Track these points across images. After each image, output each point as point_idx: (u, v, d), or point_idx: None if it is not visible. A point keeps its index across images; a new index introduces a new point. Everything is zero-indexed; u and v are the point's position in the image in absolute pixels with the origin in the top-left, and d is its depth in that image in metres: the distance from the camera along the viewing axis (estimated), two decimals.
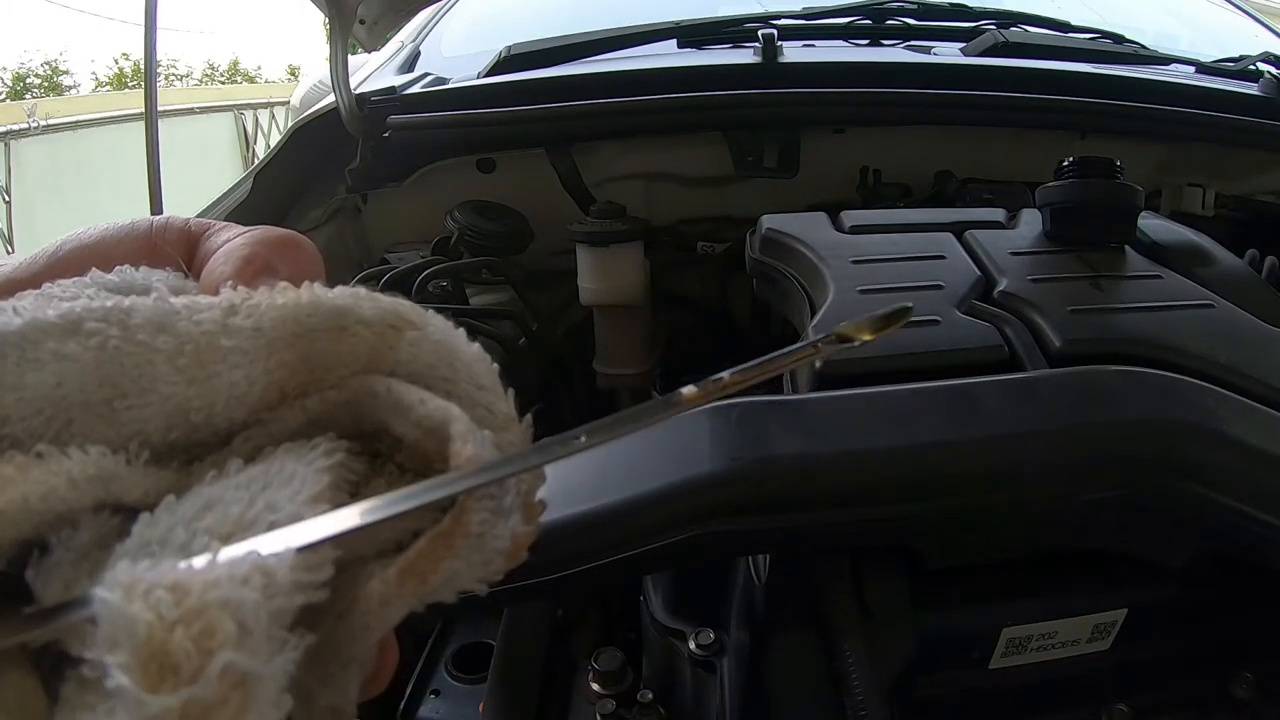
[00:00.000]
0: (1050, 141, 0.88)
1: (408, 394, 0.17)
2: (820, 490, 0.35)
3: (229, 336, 0.16)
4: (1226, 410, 0.36)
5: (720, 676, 0.42)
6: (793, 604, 0.40)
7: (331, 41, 0.87)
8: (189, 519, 0.14)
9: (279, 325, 0.16)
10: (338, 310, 0.17)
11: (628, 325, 0.84)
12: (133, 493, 0.15)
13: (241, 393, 0.16)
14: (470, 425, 0.16)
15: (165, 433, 0.16)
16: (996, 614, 0.39)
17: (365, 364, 0.17)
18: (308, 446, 0.16)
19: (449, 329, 0.18)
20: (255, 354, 0.16)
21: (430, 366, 0.17)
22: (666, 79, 0.83)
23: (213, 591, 0.12)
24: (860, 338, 0.19)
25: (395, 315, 0.17)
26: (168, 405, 0.16)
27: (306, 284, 0.17)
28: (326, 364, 0.17)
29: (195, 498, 0.15)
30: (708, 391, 0.17)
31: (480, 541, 0.15)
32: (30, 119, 5.31)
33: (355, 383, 0.17)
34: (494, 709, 0.51)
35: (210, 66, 17.70)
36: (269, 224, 0.21)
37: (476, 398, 0.17)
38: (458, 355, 0.17)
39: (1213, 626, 0.42)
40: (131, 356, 0.15)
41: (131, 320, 0.15)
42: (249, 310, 0.16)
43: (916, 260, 0.50)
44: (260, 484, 0.15)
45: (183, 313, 0.16)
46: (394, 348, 0.17)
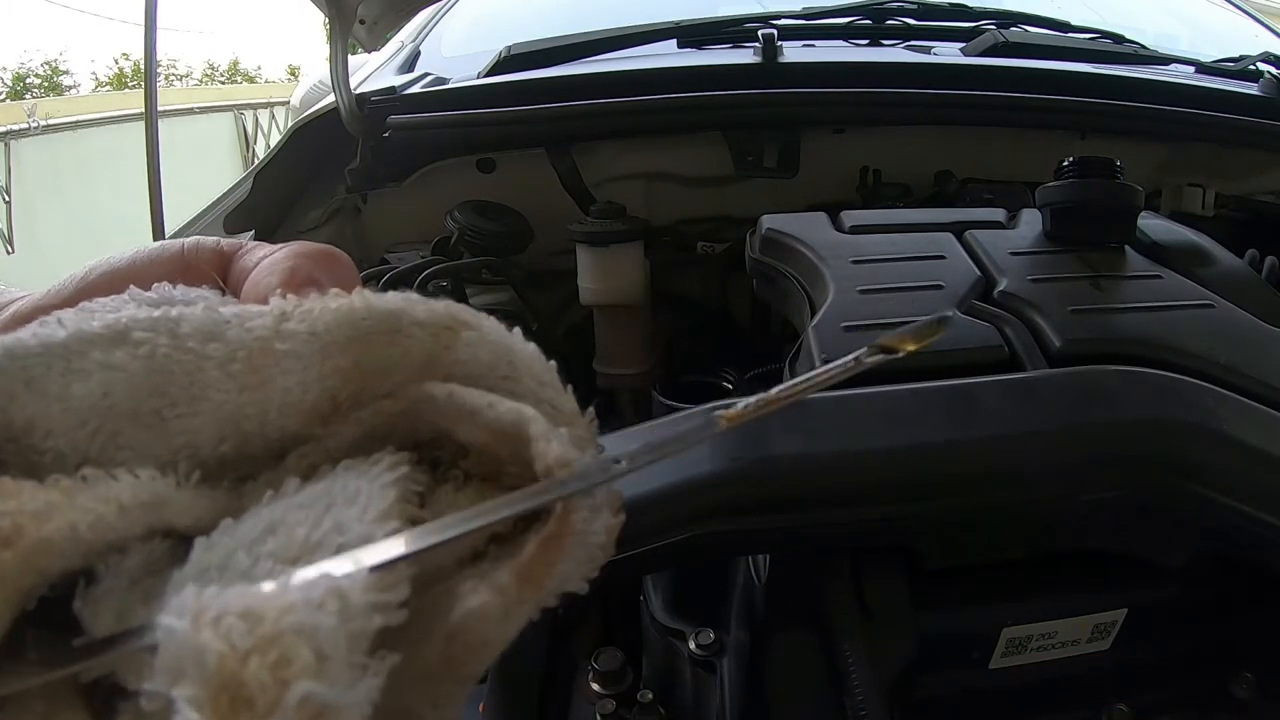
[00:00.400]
0: (1050, 141, 0.88)
1: (472, 398, 0.16)
2: (820, 490, 0.35)
3: (283, 341, 0.15)
4: (1226, 410, 0.36)
5: (720, 676, 0.42)
6: (793, 604, 0.40)
7: (331, 41, 0.87)
8: (250, 542, 0.14)
9: (333, 329, 0.16)
10: (391, 313, 0.16)
11: (628, 325, 0.83)
12: (184, 518, 0.15)
13: (295, 399, 0.16)
14: (546, 424, 0.16)
15: (217, 443, 0.16)
16: (996, 614, 0.39)
17: (421, 367, 0.17)
18: (369, 462, 0.16)
19: (503, 328, 0.17)
20: (309, 359, 0.16)
21: (490, 366, 0.17)
22: (666, 79, 0.83)
23: (288, 617, 0.11)
24: (903, 348, 0.20)
25: (450, 317, 0.17)
26: (220, 413, 0.15)
27: (358, 290, 0.17)
28: (381, 368, 0.17)
29: (255, 520, 0.14)
30: (746, 412, 0.17)
31: (583, 539, 0.15)
32: (30, 119, 5.30)
33: (413, 390, 0.17)
34: (494, 709, 0.51)
35: (210, 66, 17.71)
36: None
37: (541, 395, 0.17)
38: (516, 354, 0.17)
39: (1213, 626, 0.42)
40: (182, 364, 0.15)
41: (181, 329, 0.15)
42: (302, 315, 0.16)
43: (916, 260, 0.50)
44: (324, 503, 0.14)
45: (233, 321, 0.15)
46: (450, 348, 0.17)
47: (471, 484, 0.17)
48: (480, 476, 0.17)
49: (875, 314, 0.44)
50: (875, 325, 0.43)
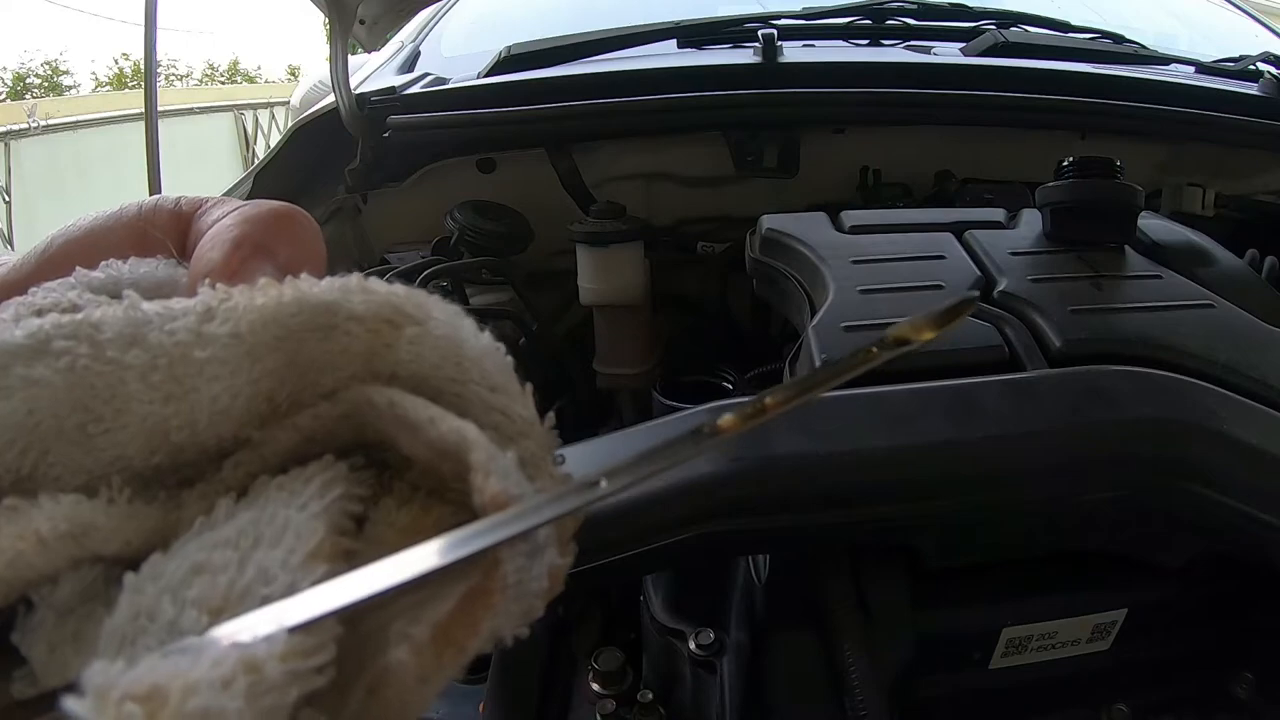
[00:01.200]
0: (1050, 141, 0.88)
1: (414, 410, 0.15)
2: (821, 490, 0.35)
3: (204, 347, 0.14)
4: (1227, 410, 0.36)
5: (720, 676, 0.42)
6: (793, 604, 0.40)
7: (331, 41, 0.87)
8: (176, 586, 0.13)
9: (259, 329, 0.15)
10: (325, 306, 0.15)
11: (628, 325, 0.83)
12: (112, 544, 0.14)
13: (225, 407, 0.15)
14: (490, 450, 0.14)
15: (148, 456, 0.15)
16: (996, 614, 0.39)
17: (361, 366, 0.15)
18: (302, 480, 0.15)
19: (454, 320, 0.16)
20: (236, 363, 0.14)
21: (435, 367, 0.15)
22: (666, 79, 0.83)
23: (191, 700, 0.11)
24: (920, 338, 0.18)
25: (392, 309, 0.15)
26: (146, 426, 0.14)
27: (290, 279, 0.15)
28: (318, 367, 0.15)
29: (182, 558, 0.13)
30: (747, 415, 0.15)
31: (519, 590, 0.14)
32: (30, 119, 5.31)
33: (353, 394, 0.15)
34: (494, 709, 0.51)
35: (210, 66, 17.72)
36: None
37: (490, 401, 0.15)
38: (465, 352, 0.15)
39: (1213, 626, 0.42)
40: (102, 376, 0.14)
41: (101, 335, 0.14)
42: (226, 314, 0.14)
43: (916, 260, 0.50)
44: (250, 539, 0.13)
45: (155, 321, 0.14)
46: (392, 346, 0.15)
47: (416, 499, 0.15)
48: (428, 490, 0.16)
49: (875, 314, 0.44)
50: (875, 325, 0.43)
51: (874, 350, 0.17)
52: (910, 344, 0.17)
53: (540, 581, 0.14)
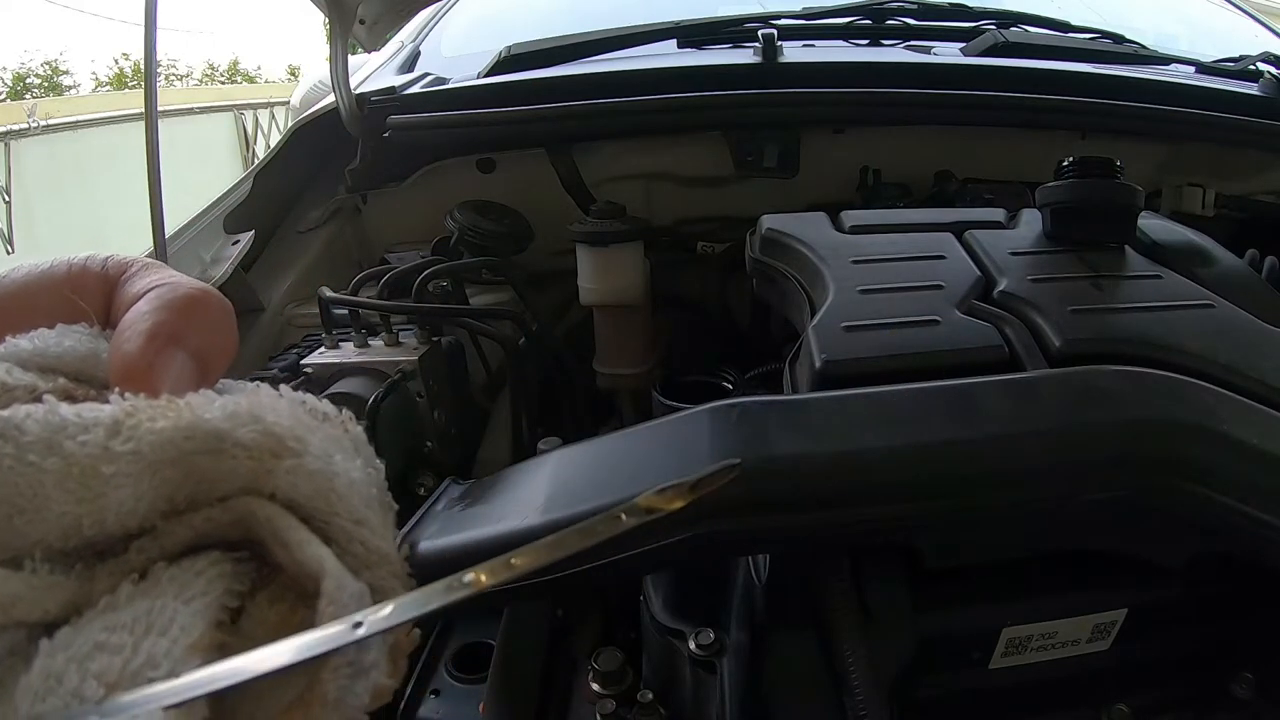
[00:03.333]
0: (1050, 141, 0.88)
1: (286, 530, 0.18)
2: (820, 490, 0.35)
3: (110, 462, 0.17)
4: (1226, 410, 0.36)
5: (720, 676, 0.42)
6: (793, 604, 0.40)
7: (331, 41, 0.87)
8: (81, 659, 0.15)
9: (158, 448, 0.17)
10: (215, 433, 0.18)
11: (628, 325, 0.83)
12: (34, 612, 0.16)
13: (130, 508, 0.17)
14: (341, 580, 0.17)
15: (64, 541, 0.17)
16: (996, 614, 0.39)
17: (246, 483, 0.18)
18: (192, 572, 0.17)
19: (328, 455, 0.18)
20: (138, 475, 0.17)
21: (307, 498, 0.18)
22: (666, 79, 0.82)
23: None
24: (669, 507, 0.21)
25: (274, 441, 0.18)
26: (62, 521, 0.17)
27: (188, 403, 0.18)
28: (210, 478, 0.18)
29: (87, 635, 0.16)
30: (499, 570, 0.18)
31: (339, 704, 0.16)
32: (30, 119, 5.31)
33: (240, 505, 0.18)
34: (494, 709, 0.51)
35: (210, 66, 17.72)
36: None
37: (352, 533, 0.18)
38: (335, 486, 0.18)
39: (1213, 626, 0.42)
40: (25, 477, 0.16)
41: (24, 438, 0.16)
42: (129, 432, 0.17)
43: (916, 260, 0.50)
44: (143, 626, 0.16)
45: (70, 429, 0.17)
46: (271, 473, 0.18)
47: (287, 600, 0.18)
48: (296, 593, 0.18)
49: (875, 314, 0.44)
50: (875, 325, 0.43)
51: (621, 517, 0.20)
52: (658, 512, 0.20)
53: (363, 698, 0.17)
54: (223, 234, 0.86)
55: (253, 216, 0.88)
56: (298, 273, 0.89)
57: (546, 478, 0.40)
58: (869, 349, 0.42)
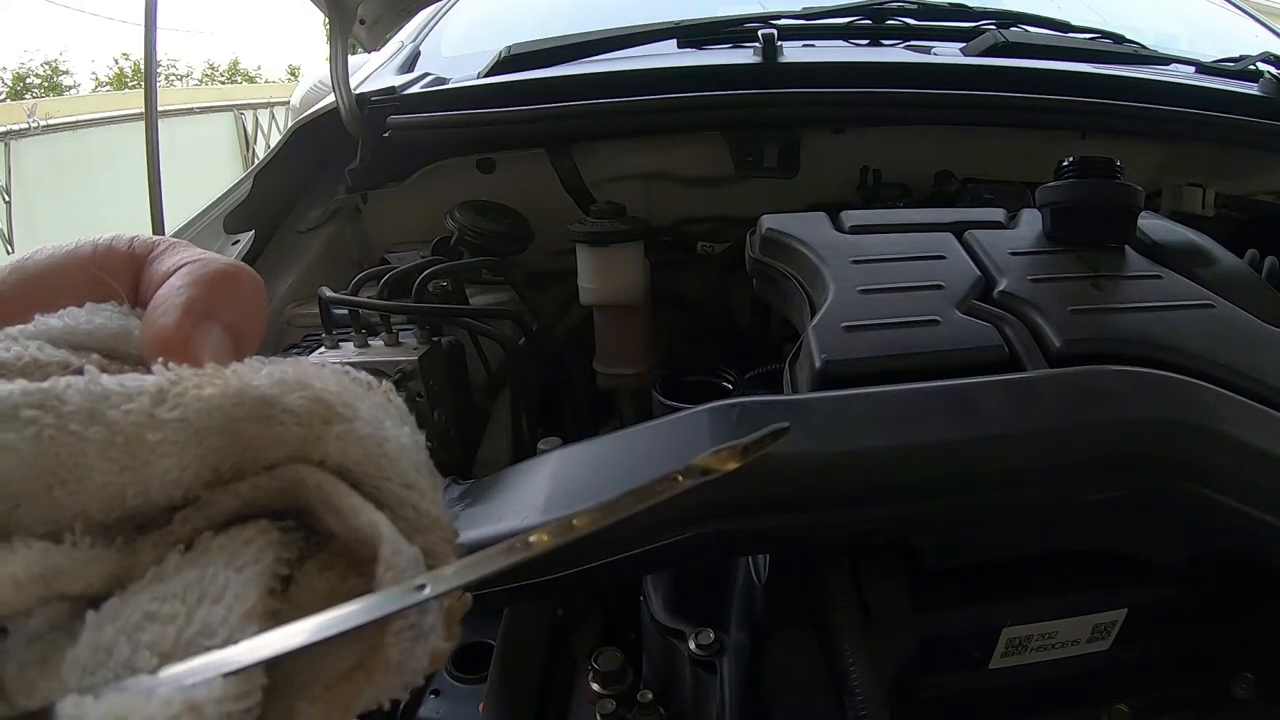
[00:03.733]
0: (1050, 141, 0.88)
1: (338, 496, 0.17)
2: (820, 490, 0.35)
3: (156, 430, 0.16)
4: (1226, 410, 0.36)
5: (720, 676, 0.42)
6: (793, 604, 0.40)
7: (331, 41, 0.87)
8: (130, 630, 0.15)
9: (205, 416, 0.17)
10: (263, 400, 0.17)
11: (628, 325, 0.83)
12: (76, 585, 0.16)
13: (175, 477, 0.17)
14: (396, 544, 0.17)
15: (105, 513, 0.17)
16: (996, 614, 0.39)
17: (294, 450, 0.18)
18: (241, 541, 0.17)
19: (378, 421, 0.18)
20: (184, 443, 0.17)
21: (357, 463, 0.18)
22: (666, 79, 0.82)
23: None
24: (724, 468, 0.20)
25: (323, 407, 0.17)
26: (104, 491, 0.16)
27: (234, 370, 0.17)
28: (257, 447, 0.18)
29: (136, 605, 0.16)
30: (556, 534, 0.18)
31: (400, 668, 0.16)
32: (30, 119, 5.31)
33: (289, 471, 0.18)
34: (494, 709, 0.51)
35: (210, 66, 17.71)
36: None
37: (404, 497, 0.18)
38: (386, 451, 0.18)
39: (1213, 626, 0.42)
40: (66, 446, 0.16)
41: (65, 408, 0.16)
42: (175, 399, 0.17)
43: (916, 260, 0.50)
44: (196, 595, 0.16)
45: (113, 398, 0.16)
46: (321, 439, 0.17)
47: (336, 568, 0.18)
48: (347, 561, 0.18)
49: (875, 314, 0.44)
50: (875, 325, 0.43)
51: (679, 479, 0.19)
52: (714, 473, 0.20)
53: (422, 661, 0.17)
54: (223, 234, 0.86)
55: (253, 216, 0.88)
56: (298, 273, 0.89)
57: (546, 478, 0.40)
58: (869, 349, 0.42)
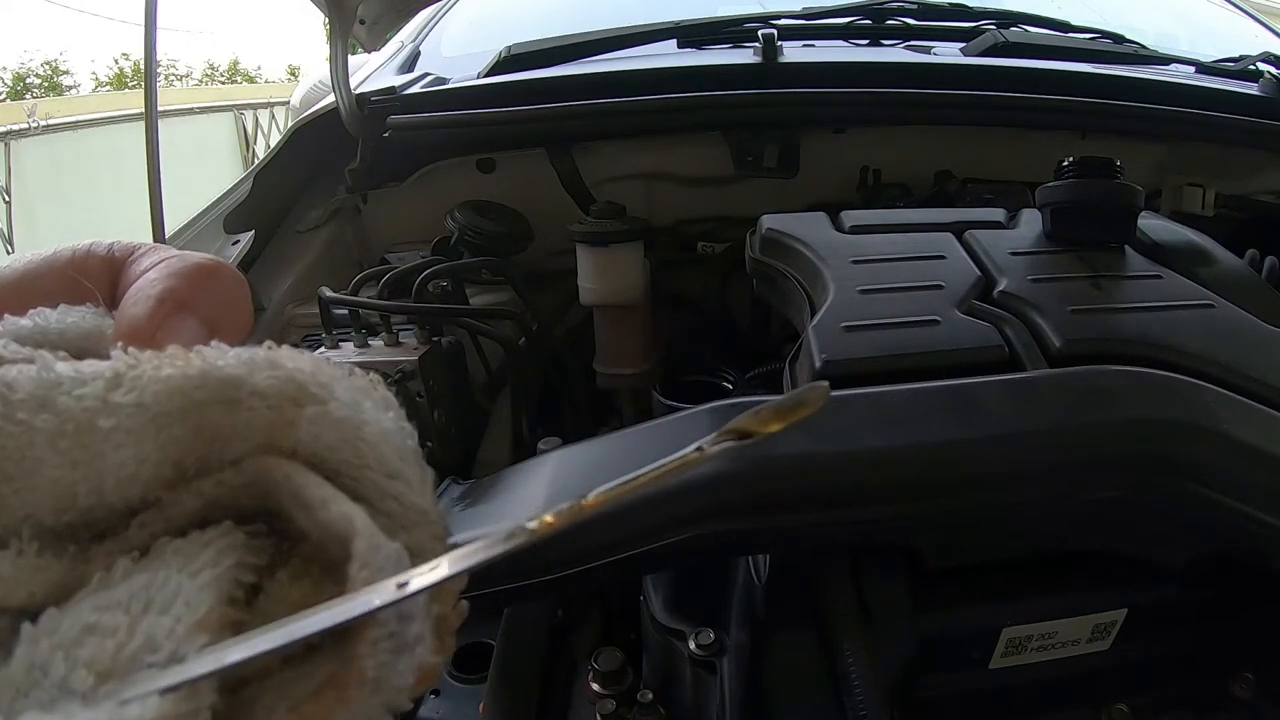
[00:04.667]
0: (1050, 141, 0.88)
1: (309, 489, 0.15)
2: (820, 490, 0.35)
3: (109, 416, 0.15)
4: (1226, 410, 0.36)
5: (720, 676, 0.42)
6: (793, 604, 0.40)
7: (331, 41, 0.87)
8: (68, 645, 0.13)
9: (164, 399, 0.15)
10: (229, 381, 0.15)
11: (628, 325, 0.83)
12: (17, 595, 0.14)
13: (131, 472, 0.15)
14: (374, 540, 0.15)
15: (56, 515, 0.15)
16: (996, 614, 0.39)
17: (264, 439, 0.16)
18: (199, 544, 0.15)
19: (355, 403, 0.16)
20: (141, 431, 0.15)
21: (332, 449, 0.16)
22: (666, 79, 0.82)
23: None
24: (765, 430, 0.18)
25: (295, 387, 0.16)
26: (54, 489, 0.15)
27: (197, 350, 0.16)
28: (223, 437, 0.16)
29: (76, 616, 0.14)
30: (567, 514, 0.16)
31: (379, 685, 0.14)
32: (30, 119, 5.31)
33: (255, 465, 0.16)
34: (494, 709, 0.51)
35: (210, 66, 17.71)
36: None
37: (385, 488, 0.16)
38: (364, 435, 0.16)
39: (1213, 626, 0.42)
40: (13, 438, 0.14)
41: (14, 396, 0.14)
42: (131, 383, 0.15)
43: (916, 260, 0.50)
44: (141, 603, 0.14)
45: (65, 384, 0.15)
46: (293, 424, 0.16)
47: (310, 576, 0.16)
48: (321, 565, 0.16)
49: (875, 314, 0.44)
50: (875, 325, 0.43)
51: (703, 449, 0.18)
52: (755, 436, 0.18)
53: (406, 677, 0.14)
54: (223, 234, 0.86)
55: (253, 216, 0.88)
56: (298, 273, 0.89)
57: (546, 478, 0.40)
58: (869, 349, 0.42)
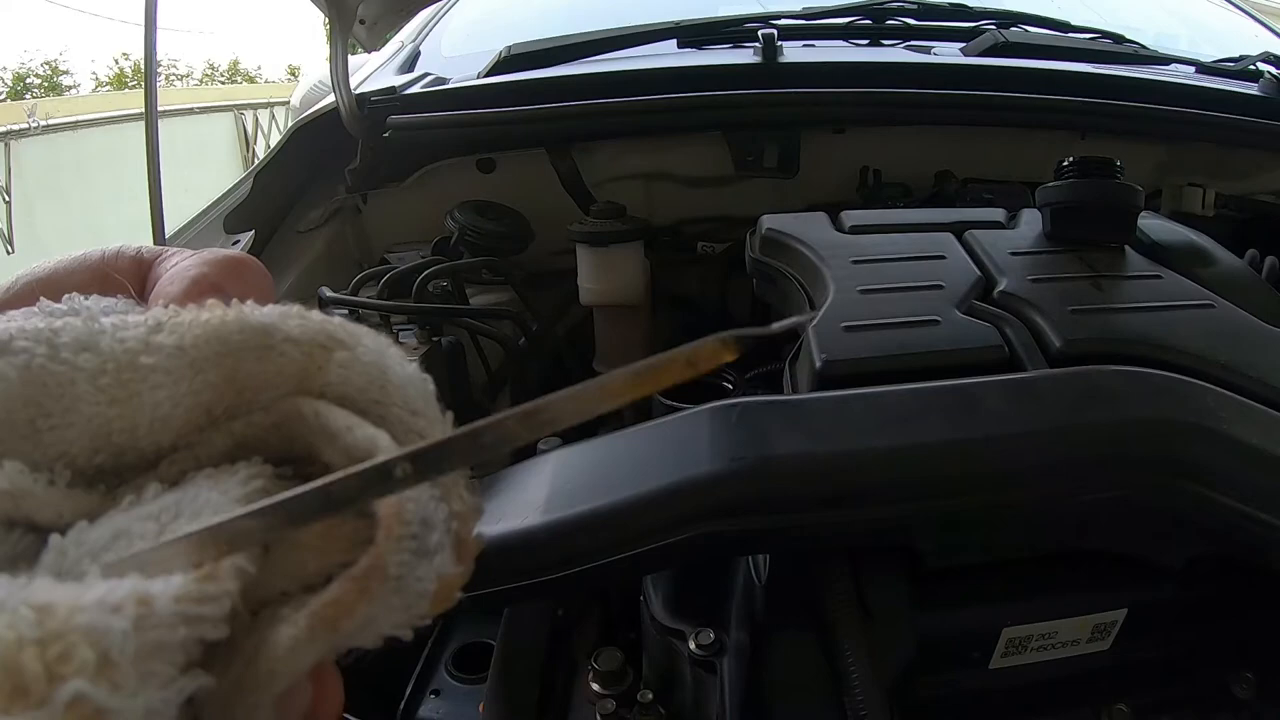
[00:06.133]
0: (1050, 141, 0.88)
1: (335, 419, 0.16)
2: (820, 490, 0.35)
3: (150, 354, 0.15)
4: (1226, 410, 0.36)
5: (720, 676, 0.42)
6: (793, 604, 0.40)
7: (331, 41, 0.87)
8: (97, 550, 0.14)
9: (202, 343, 0.16)
10: (264, 328, 0.16)
11: (628, 325, 0.83)
12: (44, 512, 0.15)
13: (165, 414, 0.16)
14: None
15: (90, 455, 0.16)
16: (996, 614, 0.39)
17: (294, 385, 0.17)
18: (229, 472, 0.16)
19: (381, 349, 0.17)
20: (178, 373, 0.16)
21: (361, 390, 0.17)
22: (666, 79, 0.83)
23: (78, 616, 0.11)
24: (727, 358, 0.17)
25: (324, 334, 0.16)
26: (90, 426, 0.15)
27: (235, 302, 0.17)
28: (254, 385, 0.16)
29: (106, 526, 0.14)
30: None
31: (400, 585, 0.14)
32: (30, 119, 5.30)
33: (284, 405, 0.17)
34: (494, 709, 0.51)
35: (210, 66, 17.71)
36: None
37: (410, 424, 0.17)
38: (389, 378, 0.17)
39: (1213, 626, 0.42)
40: (55, 375, 0.15)
41: (59, 339, 0.15)
42: (173, 327, 0.16)
43: (916, 260, 0.50)
44: (171, 513, 0.14)
45: (109, 330, 0.15)
46: (323, 368, 0.17)
47: None
48: None
49: (875, 314, 0.44)
50: (875, 325, 0.43)
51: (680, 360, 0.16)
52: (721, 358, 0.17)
53: (427, 583, 0.15)
54: (223, 234, 0.86)
55: (253, 216, 0.88)
56: (298, 273, 0.89)
57: (546, 478, 0.40)
58: (869, 349, 0.42)
